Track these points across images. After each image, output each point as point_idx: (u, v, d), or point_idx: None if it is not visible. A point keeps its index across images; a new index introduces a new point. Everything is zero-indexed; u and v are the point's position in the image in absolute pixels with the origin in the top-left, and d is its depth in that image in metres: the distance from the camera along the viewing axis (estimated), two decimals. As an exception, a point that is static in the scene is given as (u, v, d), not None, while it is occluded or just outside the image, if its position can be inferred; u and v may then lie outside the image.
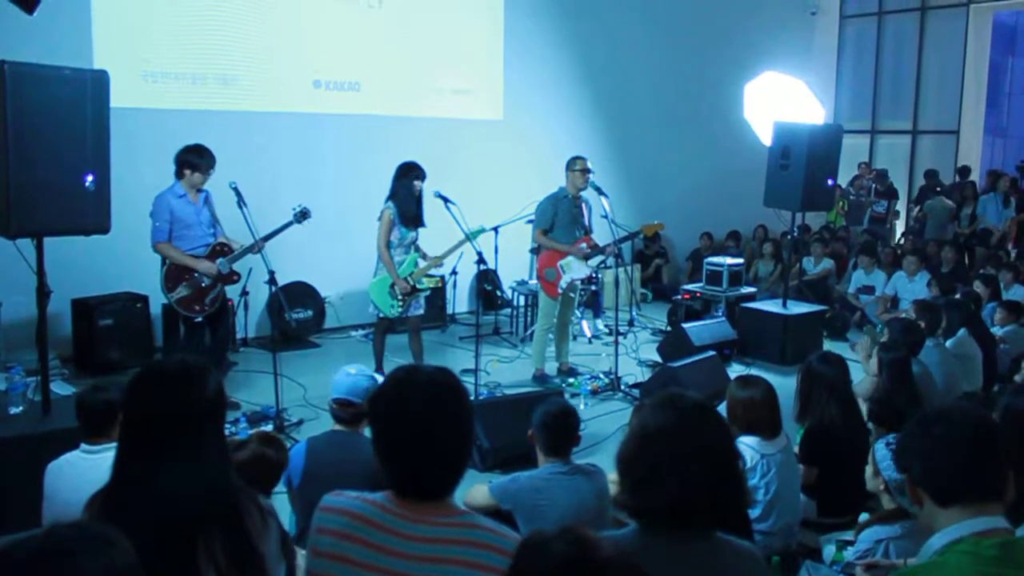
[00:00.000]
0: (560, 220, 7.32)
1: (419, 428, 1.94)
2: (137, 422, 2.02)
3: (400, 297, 6.74)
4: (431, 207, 6.76)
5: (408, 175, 6.72)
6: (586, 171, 7.25)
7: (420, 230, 6.91)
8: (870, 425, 4.76)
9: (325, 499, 2.07)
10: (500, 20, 10.24)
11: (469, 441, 2.04)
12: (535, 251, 7.78)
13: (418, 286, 6.79)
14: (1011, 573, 1.75)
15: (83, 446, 3.43)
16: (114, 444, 2.09)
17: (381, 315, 6.85)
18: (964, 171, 13.06)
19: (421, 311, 6.99)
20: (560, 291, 7.36)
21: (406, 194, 6.70)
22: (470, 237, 6.56)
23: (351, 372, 3.66)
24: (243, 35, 8.48)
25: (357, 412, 3.60)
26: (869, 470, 3.47)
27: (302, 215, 6.45)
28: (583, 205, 7.44)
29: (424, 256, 6.87)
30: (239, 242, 6.32)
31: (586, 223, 7.46)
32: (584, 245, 7.35)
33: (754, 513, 3.99)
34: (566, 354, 7.80)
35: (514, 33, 10.32)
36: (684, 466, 1.95)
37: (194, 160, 6.20)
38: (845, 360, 4.67)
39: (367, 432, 3.46)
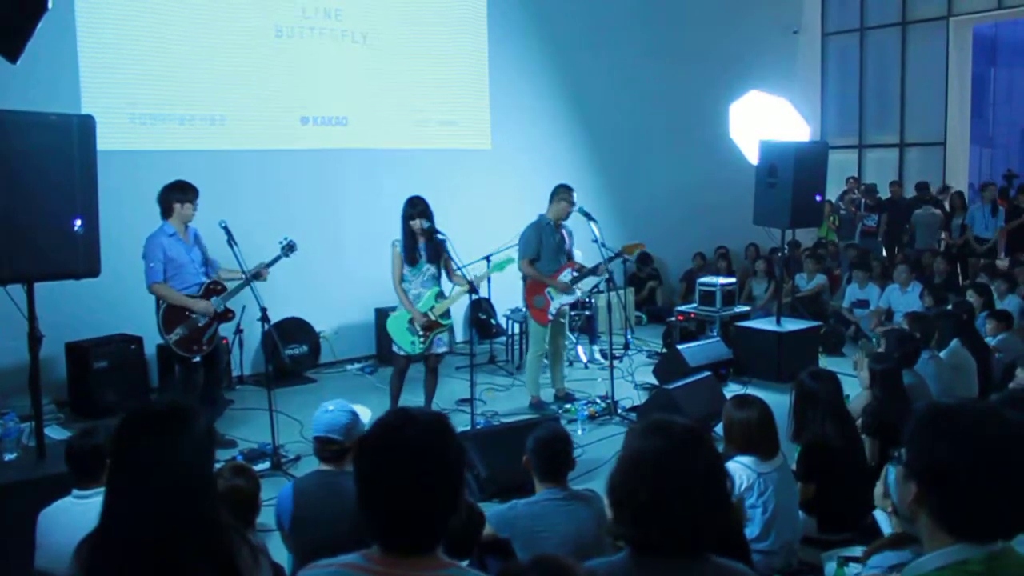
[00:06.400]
0: (545, 248, 7.41)
1: (406, 481, 1.83)
2: (124, 466, 2.02)
3: (420, 332, 6.56)
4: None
5: (406, 212, 6.54)
6: (572, 204, 7.38)
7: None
8: (865, 439, 4.76)
9: (300, 574, 2.00)
10: (484, 50, 10.32)
11: (459, 493, 1.91)
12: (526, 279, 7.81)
13: (442, 321, 6.60)
14: None
15: (74, 492, 3.42)
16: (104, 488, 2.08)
17: (402, 352, 6.65)
18: (923, 185, 13.19)
19: (444, 348, 6.80)
20: (550, 317, 7.42)
21: (406, 232, 6.52)
22: (494, 268, 6.90)
23: (329, 408, 3.61)
24: (230, 74, 8.54)
25: (340, 449, 3.57)
26: (879, 488, 3.43)
27: (289, 248, 6.45)
28: (564, 232, 7.54)
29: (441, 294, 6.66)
30: (237, 272, 6.30)
31: (568, 249, 7.58)
32: (569, 271, 7.45)
33: (753, 532, 3.98)
34: (562, 380, 7.81)
35: (498, 63, 10.39)
36: (675, 493, 1.93)
37: (179, 196, 6.23)
38: (836, 375, 4.67)
39: (352, 469, 3.45)
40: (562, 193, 7.42)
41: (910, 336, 6.02)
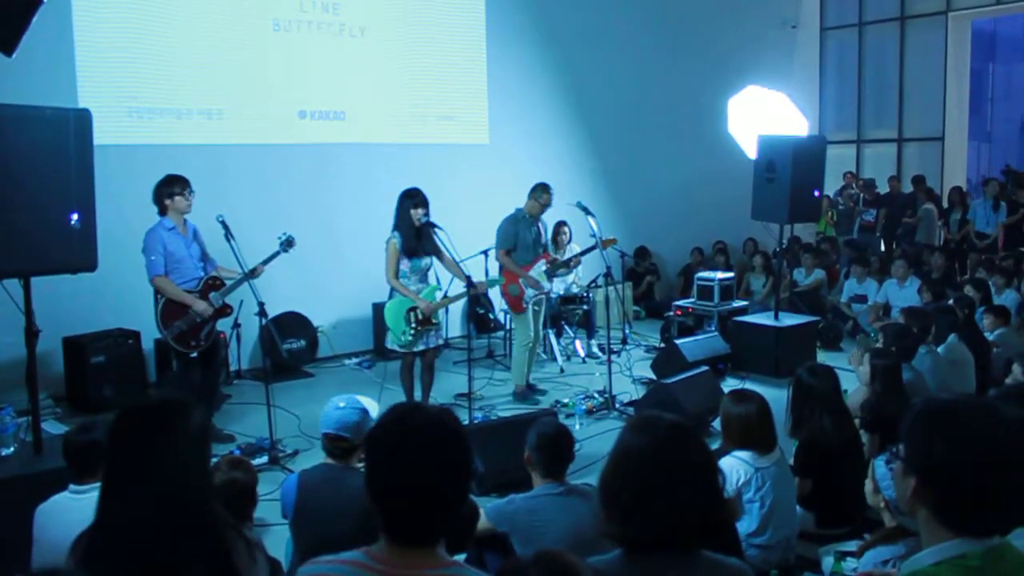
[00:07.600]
0: (521, 240, 7.56)
1: (415, 475, 1.84)
2: (120, 461, 2.01)
3: (414, 325, 6.47)
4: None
5: (405, 202, 6.48)
6: (546, 204, 7.61)
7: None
8: (864, 434, 4.75)
9: (300, 571, 2.01)
10: (482, 45, 10.30)
11: (466, 488, 1.94)
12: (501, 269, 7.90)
13: (433, 319, 6.54)
14: None
15: (71, 487, 3.41)
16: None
17: (392, 345, 6.63)
18: (918, 180, 13.18)
19: (440, 342, 6.82)
20: (526, 304, 7.55)
21: (406, 223, 6.46)
22: (490, 283, 7.10)
23: (340, 405, 3.58)
24: (227, 68, 8.52)
25: (348, 447, 3.56)
26: (869, 485, 3.44)
27: (288, 243, 6.43)
28: (540, 226, 7.79)
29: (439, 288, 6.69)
30: (235, 271, 6.30)
31: (543, 242, 7.84)
32: (543, 262, 7.67)
33: (751, 527, 3.98)
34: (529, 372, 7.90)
35: (496, 57, 10.37)
36: (661, 489, 1.93)
37: (171, 189, 6.22)
38: (834, 370, 4.66)
39: (359, 466, 3.42)
40: (538, 192, 7.61)
41: (907, 330, 6.02)
